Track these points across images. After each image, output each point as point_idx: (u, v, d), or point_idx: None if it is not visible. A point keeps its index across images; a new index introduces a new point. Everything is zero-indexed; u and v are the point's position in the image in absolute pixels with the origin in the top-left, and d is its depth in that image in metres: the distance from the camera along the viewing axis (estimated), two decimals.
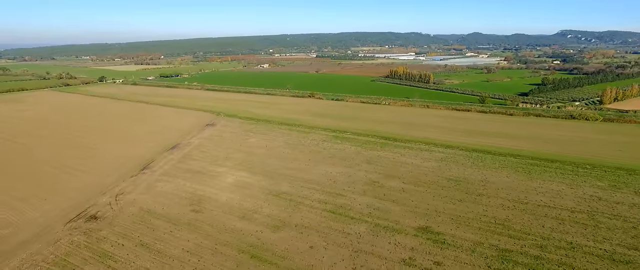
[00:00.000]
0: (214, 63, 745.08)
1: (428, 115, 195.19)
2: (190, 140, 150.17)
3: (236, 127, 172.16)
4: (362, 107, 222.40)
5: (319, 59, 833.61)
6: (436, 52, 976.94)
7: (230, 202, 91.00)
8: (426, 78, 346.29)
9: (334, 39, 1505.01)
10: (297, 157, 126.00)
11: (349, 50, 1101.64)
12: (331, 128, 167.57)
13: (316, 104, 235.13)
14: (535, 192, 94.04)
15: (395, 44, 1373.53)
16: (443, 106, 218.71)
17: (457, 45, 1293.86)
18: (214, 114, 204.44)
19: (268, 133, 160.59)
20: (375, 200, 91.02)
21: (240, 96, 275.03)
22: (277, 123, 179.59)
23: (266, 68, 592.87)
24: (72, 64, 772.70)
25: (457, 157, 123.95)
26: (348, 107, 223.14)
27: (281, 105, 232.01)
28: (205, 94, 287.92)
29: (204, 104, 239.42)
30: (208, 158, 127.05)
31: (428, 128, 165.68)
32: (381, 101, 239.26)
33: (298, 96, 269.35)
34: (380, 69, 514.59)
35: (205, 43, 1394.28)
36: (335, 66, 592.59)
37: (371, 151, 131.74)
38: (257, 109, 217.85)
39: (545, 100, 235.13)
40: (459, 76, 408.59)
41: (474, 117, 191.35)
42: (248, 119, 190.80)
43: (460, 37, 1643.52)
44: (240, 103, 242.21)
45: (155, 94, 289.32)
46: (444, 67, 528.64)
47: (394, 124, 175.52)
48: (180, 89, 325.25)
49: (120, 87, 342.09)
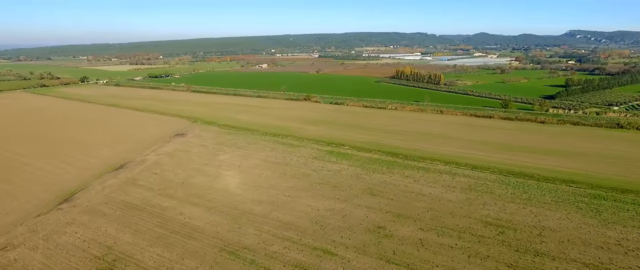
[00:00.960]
0: (211, 63, 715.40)
1: (443, 123, 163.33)
2: (146, 157, 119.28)
3: (210, 139, 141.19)
4: (365, 113, 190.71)
5: (322, 59, 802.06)
6: (443, 52, 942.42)
7: (159, 267, 59.91)
8: (436, 79, 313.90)
9: (337, 39, 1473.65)
10: (276, 184, 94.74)
11: (352, 51, 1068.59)
12: (326, 140, 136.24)
13: (312, 109, 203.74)
14: (621, 248, 62.35)
15: (400, 44, 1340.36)
16: (460, 111, 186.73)
17: (464, 46, 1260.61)
18: (189, 121, 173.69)
19: (247, 147, 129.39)
20: (381, 263, 59.67)
21: (227, 99, 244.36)
22: (261, 133, 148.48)
23: (264, 68, 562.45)
24: (66, 64, 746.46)
25: (490, 183, 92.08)
26: (348, 113, 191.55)
27: (271, 110, 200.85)
28: (188, 97, 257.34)
29: (182, 108, 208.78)
30: (158, 184, 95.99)
31: (446, 140, 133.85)
32: (387, 105, 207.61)
33: (292, 99, 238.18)
34: (385, 69, 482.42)
35: (207, 43, 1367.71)
36: (337, 66, 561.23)
37: (375, 174, 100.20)
38: (242, 115, 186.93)
39: (576, 104, 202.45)
40: (471, 77, 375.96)
41: (499, 125, 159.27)
42: (228, 127, 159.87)
43: (466, 37, 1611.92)
44: (225, 107, 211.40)
45: (133, 96, 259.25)
46: (453, 68, 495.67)
47: (403, 134, 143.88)
48: (164, 91, 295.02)
49: (100, 88, 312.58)
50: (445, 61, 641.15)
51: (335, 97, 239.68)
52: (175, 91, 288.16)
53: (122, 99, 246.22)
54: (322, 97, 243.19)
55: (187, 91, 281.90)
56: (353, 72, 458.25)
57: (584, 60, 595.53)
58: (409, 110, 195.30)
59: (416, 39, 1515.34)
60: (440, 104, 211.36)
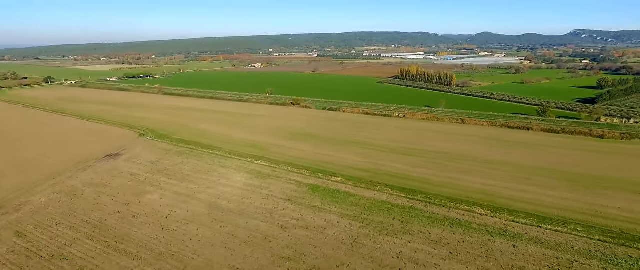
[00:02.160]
0: (203, 62, 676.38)
1: (470, 137, 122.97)
2: (33, 197, 78.95)
3: (149, 163, 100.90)
4: (366, 122, 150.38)
5: (320, 58, 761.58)
6: (447, 52, 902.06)
7: None
8: (448, 79, 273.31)
9: (337, 38, 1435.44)
10: (211, 260, 54.66)
11: (353, 50, 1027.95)
12: (311, 164, 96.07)
13: (299, 116, 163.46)
14: None
15: (402, 44, 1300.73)
16: (486, 120, 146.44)
17: (467, 45, 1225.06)
18: (137, 134, 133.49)
19: (194, 178, 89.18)
20: None
21: (200, 103, 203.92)
22: (225, 153, 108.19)
23: (257, 68, 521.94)
24: (50, 64, 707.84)
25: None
26: (345, 122, 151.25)
27: (249, 118, 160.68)
28: (156, 100, 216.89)
29: (140, 115, 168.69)
30: (15, 260, 55.98)
31: (485, 166, 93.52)
32: (393, 112, 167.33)
33: (278, 104, 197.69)
34: (388, 68, 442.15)
35: (204, 42, 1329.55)
36: (336, 66, 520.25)
37: (383, 237, 60.04)
38: (210, 124, 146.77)
39: (630, 111, 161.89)
40: (484, 77, 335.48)
41: (544, 140, 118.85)
42: (183, 143, 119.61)
43: (469, 37, 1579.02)
44: (192, 114, 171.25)
45: (90, 100, 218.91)
46: (461, 67, 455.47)
47: (419, 154, 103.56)
48: (132, 93, 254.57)
49: (61, 90, 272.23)
50: (451, 60, 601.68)
51: (330, 102, 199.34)
52: (144, 94, 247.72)
53: (74, 104, 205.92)
54: (315, 101, 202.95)
55: (158, 94, 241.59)
56: (353, 71, 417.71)
57: (600, 60, 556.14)
58: (421, 119, 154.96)
59: (418, 38, 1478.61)
60: (458, 110, 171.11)
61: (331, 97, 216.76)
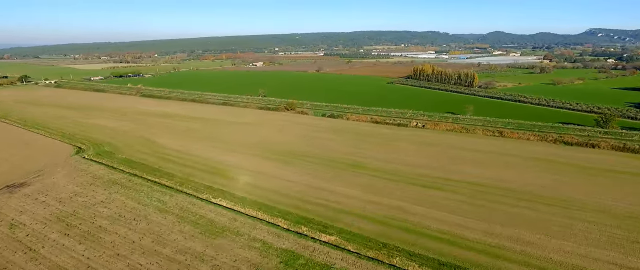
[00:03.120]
0: (204, 61, 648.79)
1: (515, 158, 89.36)
2: None
3: (58, 199, 69.19)
4: (374, 134, 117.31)
5: (326, 57, 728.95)
6: (459, 51, 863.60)
7: None
8: (469, 79, 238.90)
9: (345, 37, 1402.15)
10: None
11: (361, 49, 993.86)
12: (292, 208, 63.64)
13: (291, 126, 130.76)
14: None
15: (411, 43, 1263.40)
16: (531, 133, 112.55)
17: (480, 44, 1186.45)
18: (74, 149, 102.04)
19: (108, 231, 57.18)
20: None
21: (178, 108, 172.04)
22: (175, 183, 76.08)
23: (258, 67, 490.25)
24: (46, 63, 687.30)
25: None
26: (348, 134, 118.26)
27: (228, 128, 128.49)
28: (128, 104, 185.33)
29: (94, 122, 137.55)
30: None
31: (553, 214, 59.97)
32: (408, 120, 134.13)
33: (269, 108, 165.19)
34: (399, 67, 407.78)
35: (210, 41, 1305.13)
36: (342, 65, 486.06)
37: None
38: (175, 138, 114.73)
39: None
40: (506, 77, 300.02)
41: (624, 165, 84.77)
42: (126, 165, 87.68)
43: (480, 36, 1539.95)
44: (162, 122, 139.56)
45: (53, 103, 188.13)
46: (478, 66, 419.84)
47: (450, 189, 70.30)
48: (107, 94, 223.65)
49: (29, 90, 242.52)
50: (465, 60, 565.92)
51: (333, 106, 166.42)
52: (120, 95, 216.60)
53: (29, 107, 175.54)
54: (314, 105, 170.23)
55: (135, 95, 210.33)
56: (360, 71, 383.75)
57: (627, 59, 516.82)
58: (445, 130, 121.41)
59: (428, 37, 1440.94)
60: (489, 117, 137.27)
61: (334, 100, 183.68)
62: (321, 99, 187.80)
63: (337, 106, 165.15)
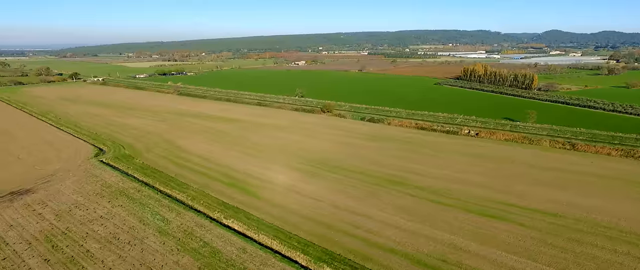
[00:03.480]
0: (247, 60, 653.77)
1: (596, 179, 72.37)
2: None
3: (55, 213, 61.77)
4: (419, 143, 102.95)
5: (371, 56, 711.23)
6: (512, 50, 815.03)
7: None
8: (527, 81, 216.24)
9: (391, 37, 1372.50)
10: None
11: (407, 48, 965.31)
12: (316, 238, 51.88)
13: (326, 131, 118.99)
14: None
15: (460, 42, 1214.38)
16: (612, 147, 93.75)
17: (534, 44, 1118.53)
18: (94, 152, 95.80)
19: (95, 257, 48.03)
20: None
21: (211, 108, 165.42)
22: (186, 197, 66.61)
23: (300, 66, 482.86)
24: (101, 61, 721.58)
25: None
26: (389, 142, 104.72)
27: (259, 131, 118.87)
28: (164, 102, 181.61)
29: (126, 122, 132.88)
30: None
31: None
32: (459, 126, 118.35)
33: (305, 110, 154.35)
34: (446, 67, 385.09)
35: (256, 41, 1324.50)
36: (387, 64, 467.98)
37: None
38: (201, 141, 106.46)
39: None
40: (569, 79, 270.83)
41: None
42: (140, 173, 79.74)
43: (534, 36, 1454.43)
44: (193, 123, 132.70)
45: (93, 101, 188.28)
46: (535, 67, 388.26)
47: (519, 221, 55.44)
48: (146, 92, 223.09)
49: (76, 87, 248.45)
50: (519, 60, 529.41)
51: (374, 109, 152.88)
52: (158, 93, 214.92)
53: (71, 104, 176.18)
54: (354, 107, 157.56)
55: (173, 94, 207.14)
56: (405, 71, 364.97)
57: None
58: (503, 140, 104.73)
59: (478, 36, 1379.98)
60: (555, 126, 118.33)
61: (376, 101, 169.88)
62: (362, 100, 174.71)
63: (379, 109, 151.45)
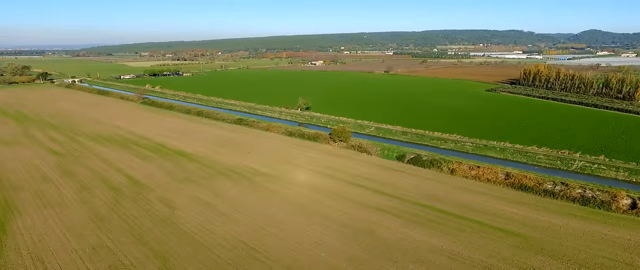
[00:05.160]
0: (262, 60, 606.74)
1: None
2: None
3: None
4: (519, 222, 45.82)
5: (396, 56, 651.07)
6: (554, 51, 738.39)
7: None
8: (626, 88, 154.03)
9: (417, 36, 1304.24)
10: None
11: (434, 49, 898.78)
12: None
13: (330, 190, 63.03)
14: None
15: (491, 42, 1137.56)
16: None
17: (574, 44, 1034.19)
18: None
19: None
20: None
21: (166, 128, 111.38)
22: None
23: (317, 66, 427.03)
24: (111, 60, 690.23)
25: None
26: (464, 223, 47.83)
27: (200, 189, 64.01)
28: (107, 115, 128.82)
29: (8, 151, 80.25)
30: None
31: None
32: (602, 190, 60.65)
33: (304, 136, 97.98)
34: (488, 69, 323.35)
35: (276, 40, 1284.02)
36: (416, 65, 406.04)
37: None
38: (46, 220, 52.48)
39: None
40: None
41: None
42: None
43: (571, 36, 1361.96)
44: (97, 166, 79.04)
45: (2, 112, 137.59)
46: (596, 68, 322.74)
47: None
48: (106, 98, 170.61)
49: (30, 90, 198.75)
50: (565, 60, 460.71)
51: (415, 134, 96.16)
52: (121, 100, 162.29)
53: None
54: (380, 129, 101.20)
55: (135, 102, 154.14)
56: (440, 72, 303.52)
57: None
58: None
59: (510, 36, 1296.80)
60: None
61: (416, 119, 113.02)
62: (393, 115, 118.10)
63: (423, 135, 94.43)
